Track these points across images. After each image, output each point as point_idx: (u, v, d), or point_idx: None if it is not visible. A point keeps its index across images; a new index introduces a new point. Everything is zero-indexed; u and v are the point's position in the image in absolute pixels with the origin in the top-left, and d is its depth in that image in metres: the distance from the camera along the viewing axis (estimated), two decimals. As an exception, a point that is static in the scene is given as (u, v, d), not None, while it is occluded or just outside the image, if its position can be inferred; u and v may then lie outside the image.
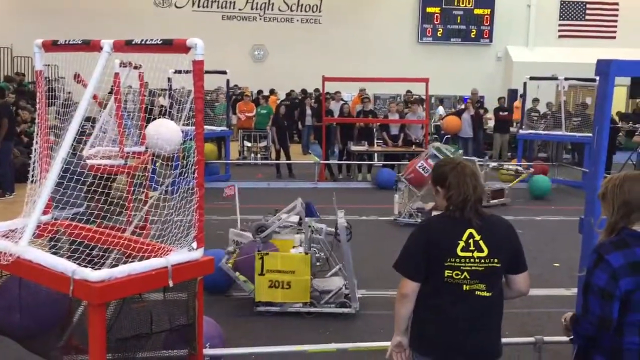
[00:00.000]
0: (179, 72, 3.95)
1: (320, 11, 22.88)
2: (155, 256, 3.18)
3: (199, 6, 22.36)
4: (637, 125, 14.00)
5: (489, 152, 17.09)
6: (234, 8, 22.54)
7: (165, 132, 5.36)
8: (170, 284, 3.14)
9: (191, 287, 3.42)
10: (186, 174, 3.46)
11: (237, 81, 19.28)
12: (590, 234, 3.34)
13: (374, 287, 6.60)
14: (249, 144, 15.89)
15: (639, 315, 2.56)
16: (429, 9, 23.18)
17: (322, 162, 13.61)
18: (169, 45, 3.15)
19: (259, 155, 15.73)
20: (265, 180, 13.25)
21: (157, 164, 5.09)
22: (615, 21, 23.65)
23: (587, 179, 4.62)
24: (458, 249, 2.76)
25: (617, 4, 23.54)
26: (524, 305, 5.42)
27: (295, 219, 6.49)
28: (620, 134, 17.77)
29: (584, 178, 12.17)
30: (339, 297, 5.83)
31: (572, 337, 2.82)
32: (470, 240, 2.77)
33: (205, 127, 14.56)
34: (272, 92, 19.94)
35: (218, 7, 22.47)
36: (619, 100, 21.15)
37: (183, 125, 6.09)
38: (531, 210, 10.51)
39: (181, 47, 3.11)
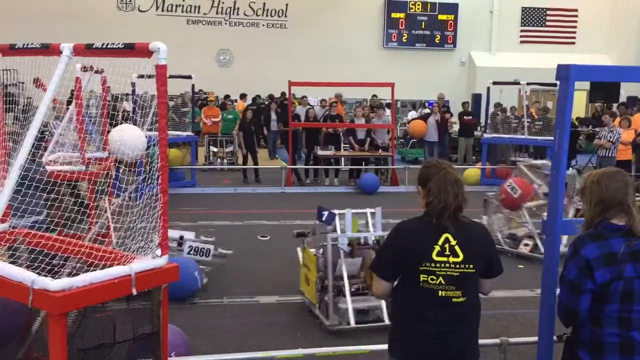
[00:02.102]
0: (143, 76, 3.88)
1: (286, 16, 22.89)
2: (118, 264, 3.11)
3: (163, 10, 22.13)
4: (596, 129, 14.34)
5: (454, 156, 17.31)
6: (199, 12, 22.38)
7: (129, 138, 5.28)
8: (134, 292, 3.08)
9: (155, 295, 3.36)
10: (150, 180, 3.40)
11: (202, 86, 19.14)
12: (552, 234, 3.38)
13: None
14: (215, 149, 15.77)
15: (616, 306, 2.60)
16: (394, 15, 23.41)
17: (289, 167, 13.59)
18: (131, 50, 3.10)
19: (225, 161, 15.62)
20: (232, 186, 13.16)
21: (120, 170, 5.00)
22: (575, 27, 24.26)
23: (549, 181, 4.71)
24: (433, 254, 2.76)
25: (576, 10, 24.15)
26: (489, 307, 5.47)
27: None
28: (581, 137, 18.18)
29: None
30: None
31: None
32: (446, 245, 2.77)
33: (171, 132, 14.41)
34: (242, 96, 19.84)
35: (183, 11, 22.28)
36: (579, 104, 21.71)
37: (147, 130, 6.01)
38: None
39: (144, 52, 3.05)
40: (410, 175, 13.61)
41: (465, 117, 17.31)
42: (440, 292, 2.77)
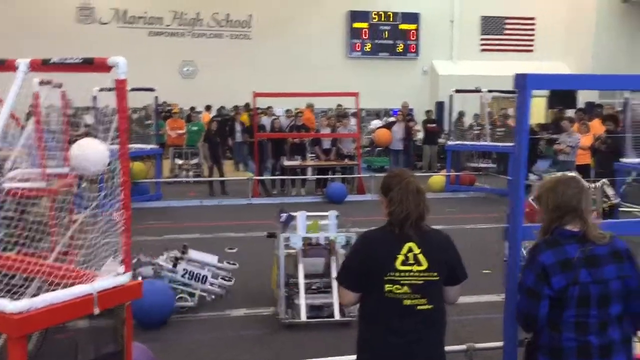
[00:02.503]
0: (104, 89, 3.84)
1: (249, 27, 22.87)
2: (79, 283, 3.04)
3: (124, 22, 21.88)
4: (554, 136, 14.69)
5: (419, 164, 17.50)
6: (161, 24, 22.19)
7: (91, 153, 5.17)
8: (96, 311, 3.02)
9: (119, 313, 3.30)
10: (112, 196, 3.35)
11: (166, 98, 18.94)
12: (514, 240, 3.44)
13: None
14: (181, 162, 15.63)
15: (573, 311, 2.65)
16: (356, 25, 23.62)
17: (255, 177, 13.54)
18: (89, 64, 3.06)
19: (190, 173, 15.48)
20: (198, 198, 13.04)
21: (83, 186, 4.91)
22: (533, 35, 24.83)
23: (510, 187, 4.78)
24: (397, 263, 2.78)
25: (533, 18, 24.73)
26: (455, 313, 5.52)
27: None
28: (541, 142, 18.57)
29: (509, 186, 12.63)
30: None
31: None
32: (410, 254, 2.79)
33: (135, 145, 14.22)
34: (207, 108, 19.71)
35: (144, 24, 22.06)
36: (540, 111, 22.15)
37: (109, 144, 5.89)
38: (461, 219, 10.79)
39: (103, 66, 3.02)
40: (376, 183, 13.69)
41: (429, 125, 17.54)
42: (405, 300, 2.79)
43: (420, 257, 2.79)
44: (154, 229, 10.10)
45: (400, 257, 2.78)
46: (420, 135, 18.39)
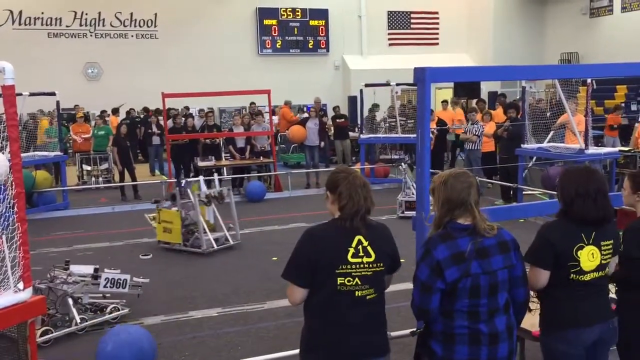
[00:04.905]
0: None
1: (155, 26, 22.25)
2: (-27, 303, 2.86)
3: (20, 24, 20.67)
4: (462, 126, 15.29)
5: (334, 158, 17.70)
6: (60, 25, 21.16)
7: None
8: (-5, 331, 2.85)
9: (21, 331, 3.13)
10: (6, 209, 3.17)
11: (70, 102, 18.13)
12: (422, 230, 3.56)
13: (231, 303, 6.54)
14: (89, 168, 15.00)
15: (466, 301, 2.77)
16: (266, 22, 23.54)
17: (169, 180, 13.22)
18: (-28, 70, 2.87)
19: (100, 179, 14.90)
20: (110, 205, 12.58)
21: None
22: (437, 29, 25.67)
23: (416, 177, 4.95)
24: (349, 256, 2.84)
25: (437, 13, 25.57)
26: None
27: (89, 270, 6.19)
28: (450, 132, 19.27)
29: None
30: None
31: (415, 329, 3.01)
32: (360, 247, 2.86)
33: (37, 153, 13.49)
34: (114, 111, 19.00)
35: (43, 25, 20.94)
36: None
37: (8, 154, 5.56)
38: (376, 211, 11.02)
39: (-13, 71, 2.85)
40: (294, 180, 13.75)
41: (338, 120, 17.77)
42: (357, 292, 2.86)
43: (369, 248, 2.88)
44: (61, 239, 9.66)
45: (351, 250, 2.84)
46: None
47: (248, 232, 9.75)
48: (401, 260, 3.08)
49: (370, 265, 2.87)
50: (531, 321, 3.49)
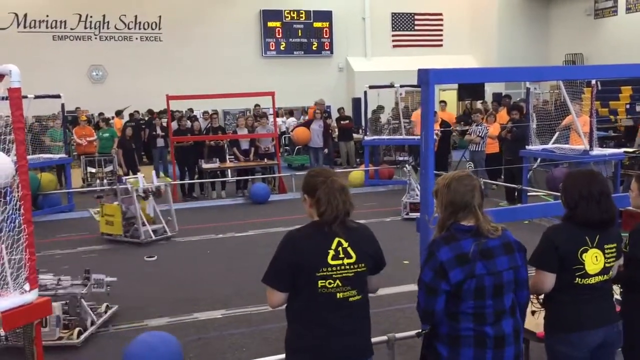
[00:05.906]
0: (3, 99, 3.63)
1: (160, 28, 22.33)
2: (-20, 304, 2.88)
3: (25, 27, 20.79)
4: (466, 127, 15.29)
5: (338, 160, 17.72)
6: (65, 27, 21.26)
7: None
8: (2, 333, 2.87)
9: (27, 333, 3.14)
10: (12, 211, 3.18)
11: (75, 104, 18.21)
12: (426, 231, 3.55)
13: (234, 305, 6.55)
14: (94, 170, 15.04)
15: (471, 303, 2.75)
16: (270, 24, 23.59)
17: (173, 182, 13.24)
18: (-21, 73, 2.89)
19: (105, 181, 14.93)
20: (114, 207, 12.59)
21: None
22: (441, 30, 25.69)
23: (421, 179, 4.95)
24: (329, 258, 2.82)
25: (441, 14, 25.58)
26: (376, 305, 5.59)
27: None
28: (454, 134, 19.28)
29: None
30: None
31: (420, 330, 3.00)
32: (340, 248, 2.84)
33: (43, 155, 13.50)
34: (117, 113, 19.04)
35: (47, 27, 21.05)
36: (451, 103, 22.97)
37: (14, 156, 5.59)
38: (380, 213, 11.01)
39: (-6, 74, 2.87)
40: (297, 182, 13.74)
41: (342, 122, 17.77)
42: (338, 294, 2.84)
43: (349, 250, 2.86)
44: (66, 241, 9.69)
45: (331, 252, 2.83)
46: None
47: (252, 234, 9.77)
48: (405, 262, 3.08)
49: (352, 267, 2.85)
50: (535, 322, 3.49)
